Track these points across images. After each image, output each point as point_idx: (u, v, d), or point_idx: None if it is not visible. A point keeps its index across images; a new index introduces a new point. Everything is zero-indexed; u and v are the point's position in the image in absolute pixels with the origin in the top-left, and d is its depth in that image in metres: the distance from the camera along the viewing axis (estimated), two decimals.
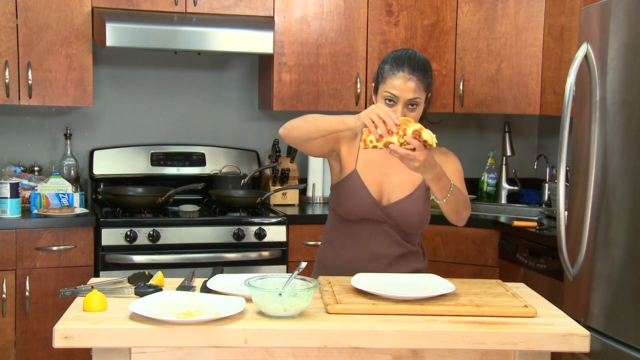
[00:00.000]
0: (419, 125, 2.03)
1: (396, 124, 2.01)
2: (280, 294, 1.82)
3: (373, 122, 2.02)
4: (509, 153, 4.25)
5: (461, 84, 4.01)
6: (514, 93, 3.92)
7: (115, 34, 3.46)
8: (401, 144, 2.02)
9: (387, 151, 2.06)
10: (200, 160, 4.09)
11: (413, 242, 2.43)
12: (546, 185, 4.02)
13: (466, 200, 2.31)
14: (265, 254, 3.61)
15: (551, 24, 3.74)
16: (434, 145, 2.03)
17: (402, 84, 2.23)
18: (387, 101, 2.25)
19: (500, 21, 3.94)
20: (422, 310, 1.92)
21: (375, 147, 2.04)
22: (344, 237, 2.42)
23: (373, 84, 2.35)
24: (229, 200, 3.82)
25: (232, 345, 1.78)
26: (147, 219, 3.53)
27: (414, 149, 2.03)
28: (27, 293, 3.36)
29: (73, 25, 3.61)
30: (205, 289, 2.06)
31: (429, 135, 2.02)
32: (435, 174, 2.13)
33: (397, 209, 2.34)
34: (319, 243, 3.61)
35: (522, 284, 2.30)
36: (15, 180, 3.49)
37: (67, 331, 1.74)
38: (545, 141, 4.44)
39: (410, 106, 2.25)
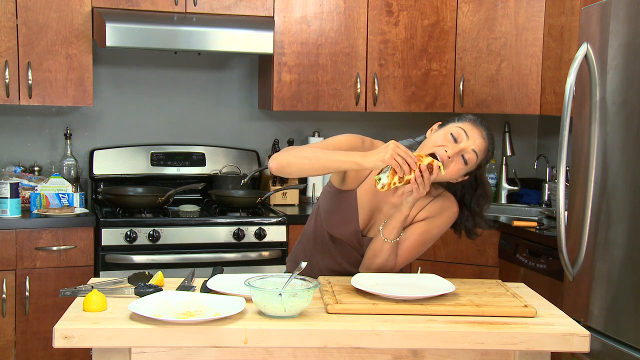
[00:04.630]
0: (430, 158, 2.11)
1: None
2: (280, 294, 1.82)
3: (398, 163, 2.03)
4: (509, 153, 4.25)
5: (461, 83, 4.01)
6: (514, 93, 3.91)
7: (115, 34, 3.45)
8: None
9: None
10: (200, 160, 4.09)
11: None
12: (546, 185, 4.02)
13: (394, 266, 2.26)
14: (265, 254, 3.61)
15: (551, 24, 3.73)
16: (443, 172, 2.13)
17: (477, 136, 2.23)
18: (451, 135, 2.20)
19: (500, 21, 3.94)
20: (422, 310, 1.92)
21: (396, 187, 2.08)
22: (321, 249, 2.40)
23: (439, 122, 2.29)
24: (229, 200, 3.82)
25: (232, 345, 1.78)
26: (147, 219, 3.53)
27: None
28: (27, 293, 3.36)
29: (73, 25, 3.61)
30: (205, 289, 2.05)
31: (438, 166, 2.12)
32: (408, 214, 2.19)
33: None
34: None
35: (522, 284, 2.30)
36: (15, 180, 3.49)
37: (67, 331, 1.74)
38: (545, 141, 4.44)
39: (464, 157, 2.20)
